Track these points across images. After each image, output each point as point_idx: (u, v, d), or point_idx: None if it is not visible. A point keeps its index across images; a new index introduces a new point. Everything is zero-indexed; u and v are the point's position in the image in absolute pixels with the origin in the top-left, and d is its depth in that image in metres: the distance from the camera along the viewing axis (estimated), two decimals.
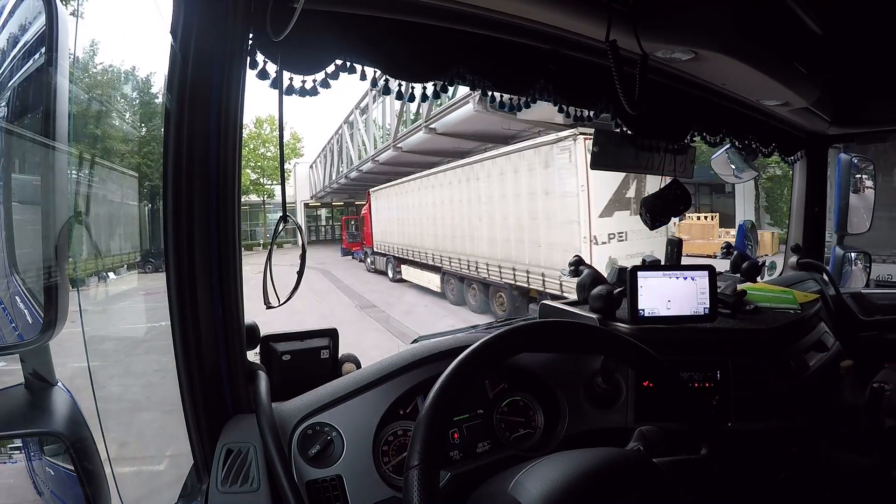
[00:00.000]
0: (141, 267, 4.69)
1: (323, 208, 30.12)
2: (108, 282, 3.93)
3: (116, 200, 3.74)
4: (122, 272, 4.27)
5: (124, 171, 4.65)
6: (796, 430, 1.14)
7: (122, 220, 4.07)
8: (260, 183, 24.55)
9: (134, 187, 4.71)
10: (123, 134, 5.78)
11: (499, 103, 1.10)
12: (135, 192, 4.67)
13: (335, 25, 0.84)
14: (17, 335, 0.77)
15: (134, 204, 4.62)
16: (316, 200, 27.20)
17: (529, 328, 0.76)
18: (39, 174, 0.68)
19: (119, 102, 6.74)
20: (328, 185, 20.97)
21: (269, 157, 24.35)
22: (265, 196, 24.76)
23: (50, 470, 0.79)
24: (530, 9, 0.96)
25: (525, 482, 0.65)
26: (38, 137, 0.64)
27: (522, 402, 1.07)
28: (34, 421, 0.74)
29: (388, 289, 12.64)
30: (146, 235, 4.99)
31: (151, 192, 4.83)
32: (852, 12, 1.44)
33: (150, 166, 5.19)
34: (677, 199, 1.55)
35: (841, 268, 2.11)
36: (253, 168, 23.93)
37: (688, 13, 1.01)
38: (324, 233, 30.62)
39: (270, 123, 23.56)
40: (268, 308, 0.87)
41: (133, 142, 5.78)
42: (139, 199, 4.88)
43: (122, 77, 7.17)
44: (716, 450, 0.76)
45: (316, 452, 0.86)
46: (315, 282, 13.49)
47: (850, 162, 2.08)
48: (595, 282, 1.34)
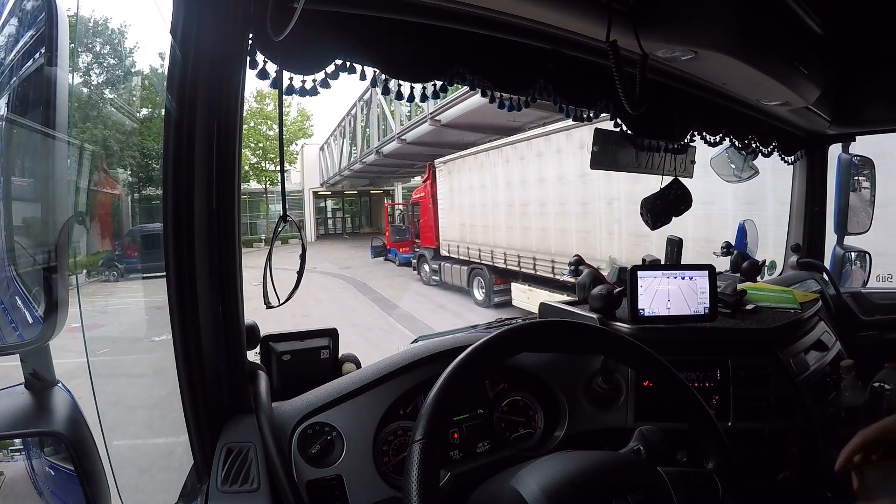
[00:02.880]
0: (104, 274, 4.16)
1: (331, 198, 26.01)
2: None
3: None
4: (82, 279, 3.30)
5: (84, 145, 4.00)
6: (796, 430, 1.14)
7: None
8: (261, 168, 20.82)
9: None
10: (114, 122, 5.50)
11: (498, 103, 1.10)
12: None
13: (335, 25, 0.84)
14: (18, 335, 0.77)
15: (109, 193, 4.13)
16: (327, 188, 23.11)
17: (529, 328, 0.76)
18: (39, 174, 0.68)
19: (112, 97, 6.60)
20: (343, 170, 17.82)
21: (272, 137, 20.38)
22: (267, 182, 21.08)
23: (50, 470, 0.79)
24: (530, 9, 0.95)
25: (526, 475, 0.65)
26: (39, 126, 0.64)
27: (522, 401, 1.07)
28: (34, 421, 0.74)
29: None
30: (116, 230, 4.46)
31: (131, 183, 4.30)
32: (852, 12, 1.44)
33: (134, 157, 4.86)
34: (678, 199, 1.55)
35: (841, 267, 2.11)
36: (253, 150, 20.24)
37: (688, 13, 1.01)
38: (339, 225, 26.86)
39: (273, 98, 19.08)
40: (268, 308, 0.87)
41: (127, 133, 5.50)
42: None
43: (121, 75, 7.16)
44: (723, 466, 0.74)
45: (316, 452, 0.86)
46: (346, 300, 8.94)
47: (850, 162, 2.08)
48: (595, 281, 1.35)
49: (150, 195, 8.74)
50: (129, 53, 9.59)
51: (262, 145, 20.65)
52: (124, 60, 8.79)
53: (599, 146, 1.45)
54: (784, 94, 1.37)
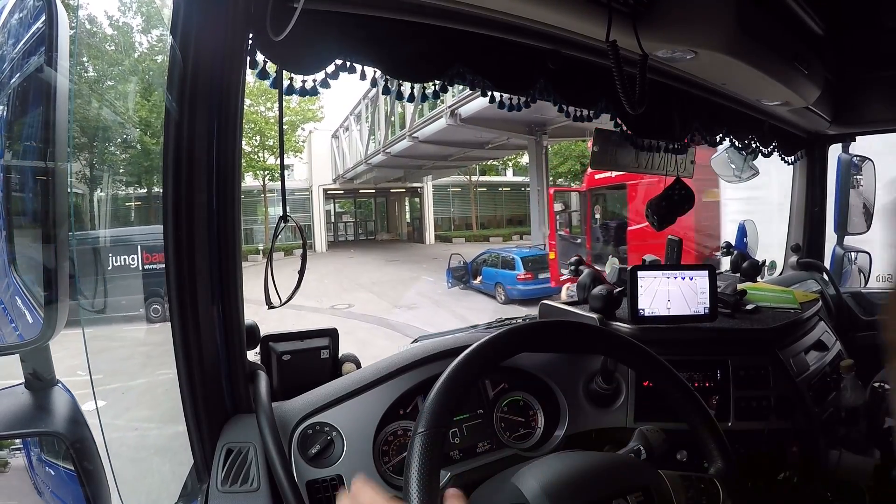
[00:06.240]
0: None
1: (342, 198, 20.92)
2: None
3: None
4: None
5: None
6: (796, 430, 1.14)
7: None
8: (258, 159, 16.77)
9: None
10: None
11: (498, 103, 1.10)
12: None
13: (335, 25, 0.84)
14: (18, 335, 0.77)
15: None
16: (341, 184, 18.68)
17: (530, 328, 0.76)
18: (39, 174, 0.68)
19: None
20: (363, 162, 14.75)
21: (272, 120, 16.35)
22: (266, 178, 16.92)
23: (50, 470, 0.79)
24: (530, 9, 0.95)
25: (527, 473, 0.65)
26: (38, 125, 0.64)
27: (522, 401, 1.07)
28: (34, 421, 0.74)
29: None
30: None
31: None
32: (852, 12, 1.44)
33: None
34: (682, 199, 1.55)
35: (841, 267, 2.12)
36: (248, 137, 16.43)
37: (688, 13, 1.01)
38: (350, 231, 22.33)
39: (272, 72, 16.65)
40: (269, 308, 0.87)
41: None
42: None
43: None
44: (725, 470, 0.74)
45: (316, 452, 0.86)
46: None
47: (850, 162, 2.08)
48: (595, 281, 1.35)
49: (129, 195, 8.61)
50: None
51: (260, 128, 16.31)
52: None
53: (599, 146, 1.46)
54: (784, 94, 1.37)
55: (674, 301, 1.18)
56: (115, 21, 10.63)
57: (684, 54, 1.08)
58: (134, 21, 11.30)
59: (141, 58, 10.10)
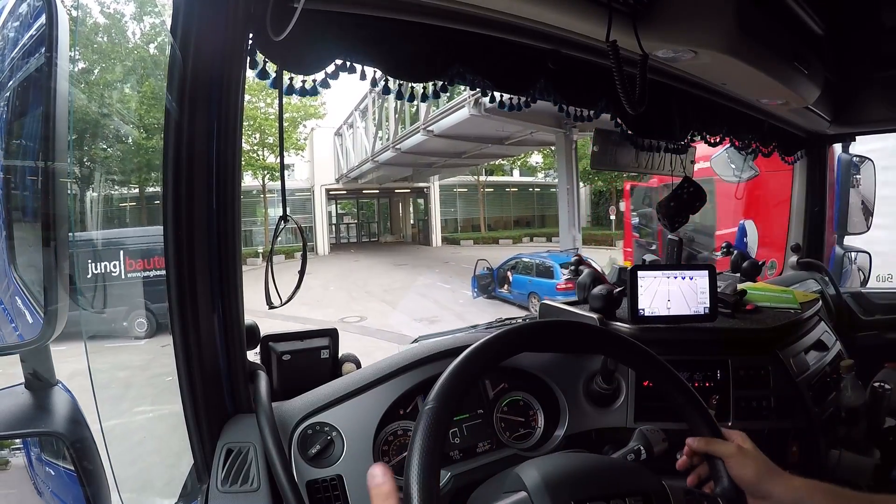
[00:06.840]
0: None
1: (345, 198, 20.16)
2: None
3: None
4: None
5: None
6: (796, 430, 1.14)
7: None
8: (257, 157, 16.04)
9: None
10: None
11: (498, 103, 1.10)
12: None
13: (335, 25, 0.84)
14: (18, 335, 0.77)
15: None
16: (344, 183, 18.17)
17: (530, 328, 0.76)
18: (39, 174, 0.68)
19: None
20: (369, 159, 13.82)
21: (272, 116, 15.60)
22: (266, 178, 16.28)
23: (50, 470, 0.79)
24: (530, 9, 0.95)
25: (530, 465, 0.66)
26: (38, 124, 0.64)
27: (522, 401, 1.07)
28: (34, 421, 0.74)
29: None
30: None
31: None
32: (852, 12, 1.44)
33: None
34: (692, 197, 1.53)
35: (841, 267, 2.12)
36: (247, 135, 15.39)
37: (688, 13, 1.01)
38: (352, 232, 21.46)
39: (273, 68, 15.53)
40: (270, 308, 0.87)
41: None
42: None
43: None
44: (732, 494, 0.71)
45: (316, 452, 0.86)
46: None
47: (850, 162, 2.08)
48: (595, 281, 1.35)
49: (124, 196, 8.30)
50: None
51: (259, 125, 15.66)
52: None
53: (599, 146, 1.46)
54: (784, 93, 1.37)
55: (674, 301, 1.18)
56: (105, 7, 9.93)
57: (684, 54, 1.08)
58: (126, 8, 10.68)
59: (134, 46, 9.83)
